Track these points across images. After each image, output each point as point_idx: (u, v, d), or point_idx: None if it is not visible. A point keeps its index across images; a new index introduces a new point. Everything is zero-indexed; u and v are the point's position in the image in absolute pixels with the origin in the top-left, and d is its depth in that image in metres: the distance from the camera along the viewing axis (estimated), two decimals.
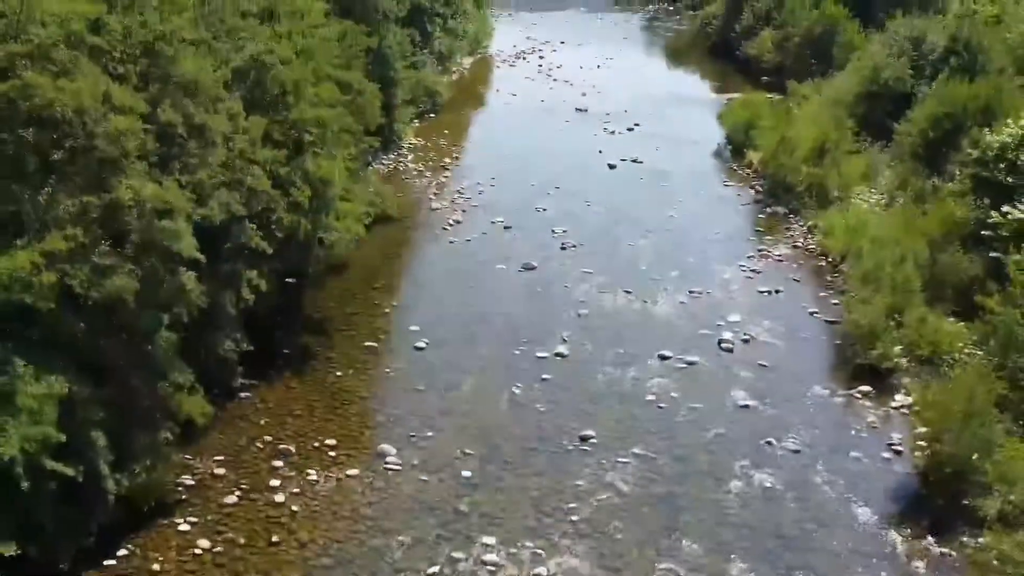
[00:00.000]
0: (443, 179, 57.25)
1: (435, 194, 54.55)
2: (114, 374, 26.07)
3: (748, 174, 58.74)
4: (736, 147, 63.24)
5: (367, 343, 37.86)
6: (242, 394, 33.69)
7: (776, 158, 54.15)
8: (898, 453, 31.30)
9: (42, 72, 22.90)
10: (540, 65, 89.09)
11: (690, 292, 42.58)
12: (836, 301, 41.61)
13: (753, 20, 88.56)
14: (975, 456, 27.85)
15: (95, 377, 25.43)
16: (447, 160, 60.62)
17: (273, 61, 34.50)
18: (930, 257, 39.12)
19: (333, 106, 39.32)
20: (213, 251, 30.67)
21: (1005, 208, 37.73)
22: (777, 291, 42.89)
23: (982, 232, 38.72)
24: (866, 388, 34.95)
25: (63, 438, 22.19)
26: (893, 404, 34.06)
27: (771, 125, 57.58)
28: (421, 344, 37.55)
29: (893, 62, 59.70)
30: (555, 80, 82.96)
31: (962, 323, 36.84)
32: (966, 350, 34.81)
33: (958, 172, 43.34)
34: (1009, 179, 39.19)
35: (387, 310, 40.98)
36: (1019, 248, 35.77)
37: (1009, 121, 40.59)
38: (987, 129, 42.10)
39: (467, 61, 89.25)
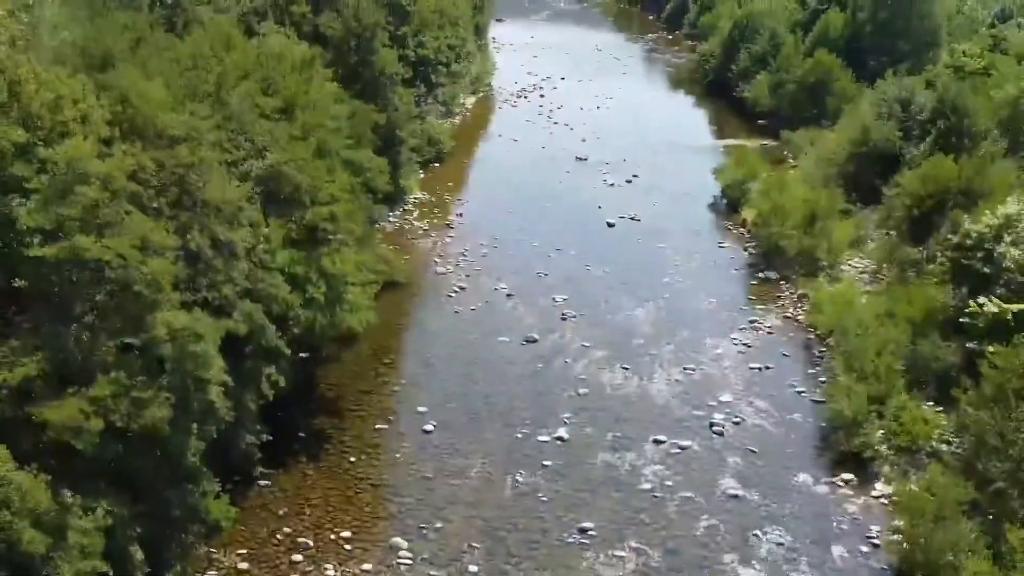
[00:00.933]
0: (447, 239, 59.41)
1: (440, 256, 56.68)
2: (149, 490, 28.27)
3: (742, 233, 60.93)
4: (731, 202, 65.39)
5: (378, 425, 40.02)
6: (261, 482, 35.88)
7: (768, 223, 56.22)
8: (876, 547, 33.47)
9: (88, 230, 24.98)
10: (541, 105, 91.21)
11: (684, 368, 44.76)
12: (823, 379, 43.79)
13: (750, 62, 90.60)
14: (945, 560, 29.98)
15: (132, 494, 27.66)
16: (451, 218, 62.74)
17: (291, 171, 36.52)
18: (911, 344, 41.16)
19: (346, 194, 41.70)
20: (235, 352, 33.01)
21: (981, 299, 39.87)
22: (767, 367, 45.06)
23: (960, 319, 40.84)
24: (848, 476, 37.15)
25: (110, 572, 24.33)
26: (873, 493, 36.26)
27: (764, 189, 59.58)
28: (429, 427, 39.72)
29: (882, 124, 61.96)
30: (555, 123, 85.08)
31: (940, 409, 39.09)
32: (942, 440, 37.09)
33: (939, 255, 45.38)
34: (986, 269, 41.32)
35: (396, 388, 43.14)
36: (993, 341, 37.97)
37: (987, 212, 42.62)
38: (967, 215, 44.19)
39: (470, 101, 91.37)
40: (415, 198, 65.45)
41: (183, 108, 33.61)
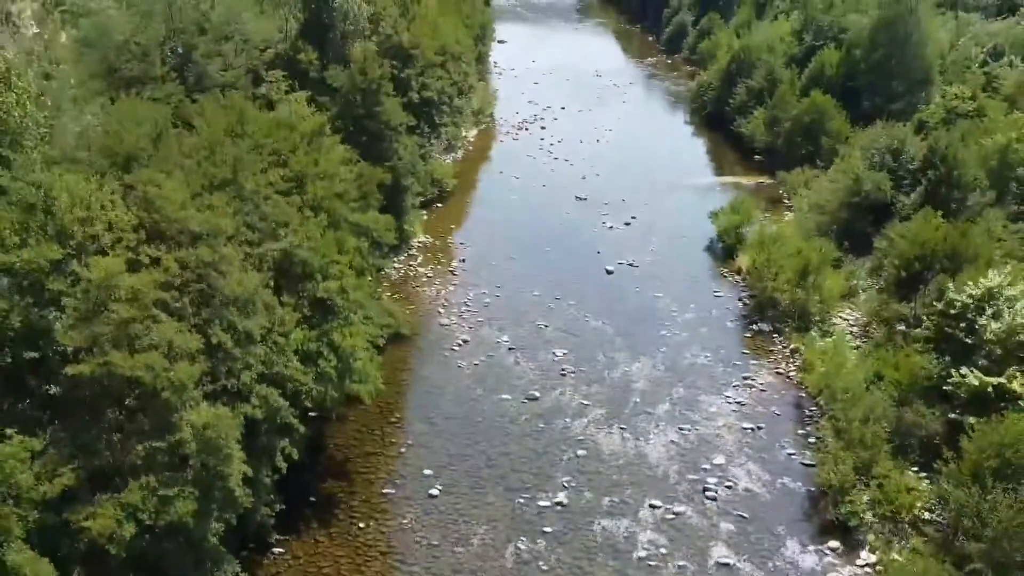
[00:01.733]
0: (451, 286, 61.16)
1: (443, 306, 58.43)
2: None
3: (736, 281, 62.65)
4: (726, 246, 67.01)
5: (386, 489, 41.83)
6: (276, 550, 37.70)
7: (761, 276, 57.98)
8: None
9: (119, 346, 26.75)
10: (542, 138, 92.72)
11: (679, 429, 46.54)
12: (813, 440, 45.58)
13: (746, 96, 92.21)
14: None
15: None
16: (454, 263, 64.46)
17: (304, 253, 38.27)
18: (896, 408, 42.93)
19: (356, 257, 43.68)
20: (251, 428, 34.81)
21: (963, 371, 41.68)
22: (759, 427, 46.84)
23: (943, 387, 42.65)
24: (835, 544, 38.99)
25: None
26: (859, 562, 38.08)
27: (758, 240, 61.36)
28: (434, 491, 41.54)
29: (874, 174, 63.77)
30: (556, 158, 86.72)
31: (924, 475, 40.94)
32: (925, 509, 38.96)
33: (925, 318, 47.09)
34: (968, 340, 43.10)
35: (402, 449, 44.87)
36: (974, 412, 39.90)
37: (970, 282, 44.35)
38: (951, 282, 45.92)
39: (472, 133, 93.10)
40: (419, 242, 67.29)
41: (202, 199, 35.39)
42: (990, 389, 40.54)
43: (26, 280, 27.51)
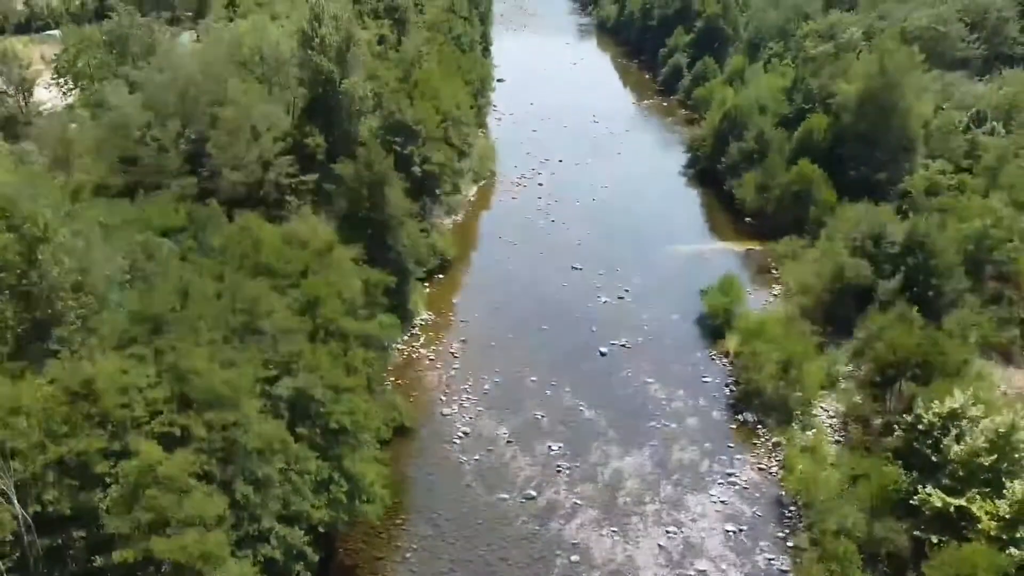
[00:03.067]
0: (452, 371, 64.23)
1: (445, 394, 61.56)
2: None
3: (724, 364, 65.74)
4: (715, 326, 69.93)
5: None
6: None
7: (747, 366, 61.18)
8: None
9: (158, 531, 29.94)
10: (539, 196, 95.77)
11: (667, 532, 49.78)
12: (791, 544, 48.76)
13: (739, 156, 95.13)
14: None
15: None
16: (455, 344, 67.54)
17: (317, 394, 41.40)
18: (868, 521, 46.12)
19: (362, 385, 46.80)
20: (268, 559, 37.99)
21: (928, 490, 44.86)
22: (740, 529, 50.04)
23: (910, 501, 45.85)
24: None
25: None
26: None
27: (744, 327, 64.59)
28: None
29: (855, 262, 66.93)
30: (553, 221, 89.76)
31: None
32: None
33: (896, 427, 50.28)
34: (934, 457, 46.28)
35: (408, 553, 48.04)
36: (937, 531, 43.14)
37: (936, 402, 47.50)
38: (921, 396, 49.12)
39: (472, 191, 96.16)
40: (422, 319, 70.34)
41: (224, 351, 38.51)
42: (952, 511, 43.68)
43: (73, 463, 30.63)
